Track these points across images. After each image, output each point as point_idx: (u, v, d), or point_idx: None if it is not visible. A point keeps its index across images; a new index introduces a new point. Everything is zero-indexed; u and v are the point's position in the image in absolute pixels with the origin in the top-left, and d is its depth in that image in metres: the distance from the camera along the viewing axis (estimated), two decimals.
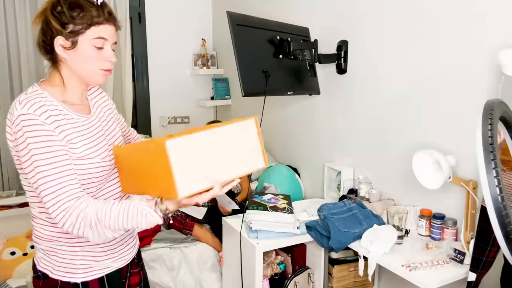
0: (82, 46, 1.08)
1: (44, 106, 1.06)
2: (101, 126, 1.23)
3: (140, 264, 1.44)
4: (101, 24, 1.08)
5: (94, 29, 1.07)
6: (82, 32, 1.07)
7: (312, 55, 2.35)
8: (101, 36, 1.09)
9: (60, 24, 1.06)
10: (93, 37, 1.08)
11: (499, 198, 1.06)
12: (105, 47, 1.11)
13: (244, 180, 2.80)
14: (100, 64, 1.12)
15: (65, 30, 1.06)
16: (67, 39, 1.07)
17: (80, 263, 1.18)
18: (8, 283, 2.33)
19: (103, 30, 1.09)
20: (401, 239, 1.69)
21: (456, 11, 1.68)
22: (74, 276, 1.18)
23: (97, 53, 1.10)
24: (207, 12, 3.76)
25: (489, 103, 1.19)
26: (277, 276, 2.08)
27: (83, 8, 1.06)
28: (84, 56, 1.09)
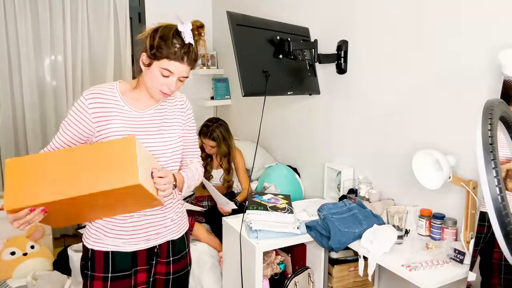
0: (153, 69, 1.30)
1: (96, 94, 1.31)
2: (148, 124, 1.39)
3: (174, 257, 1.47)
4: (172, 60, 1.28)
5: (166, 61, 1.28)
6: (158, 58, 1.28)
7: (312, 55, 2.35)
8: (168, 68, 1.29)
9: (149, 45, 1.29)
10: (162, 67, 1.29)
11: (499, 198, 1.06)
12: (170, 77, 1.31)
13: (243, 181, 2.80)
14: (160, 87, 1.32)
15: (149, 51, 1.29)
16: (148, 58, 1.30)
17: (93, 232, 1.38)
18: (8, 283, 2.33)
19: (173, 65, 1.29)
20: (401, 239, 1.69)
21: (456, 11, 1.68)
22: (88, 241, 1.39)
23: (162, 79, 1.31)
24: (207, 12, 3.76)
25: (489, 103, 1.20)
26: (277, 276, 2.08)
27: (167, 42, 1.27)
28: (152, 76, 1.31)
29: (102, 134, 1.31)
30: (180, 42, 1.28)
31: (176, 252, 1.48)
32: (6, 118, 3.17)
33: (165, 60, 1.28)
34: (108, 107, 1.33)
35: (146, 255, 1.42)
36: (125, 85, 1.40)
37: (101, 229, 1.37)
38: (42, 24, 3.15)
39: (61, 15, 3.20)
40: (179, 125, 1.47)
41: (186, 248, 1.53)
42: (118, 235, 1.37)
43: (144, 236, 1.39)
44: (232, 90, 3.60)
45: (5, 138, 3.18)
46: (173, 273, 1.48)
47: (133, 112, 1.37)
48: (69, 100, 3.27)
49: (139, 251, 1.40)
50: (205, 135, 2.69)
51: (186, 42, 1.28)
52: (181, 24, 1.30)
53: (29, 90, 3.17)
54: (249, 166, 2.81)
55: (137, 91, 1.39)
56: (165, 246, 1.45)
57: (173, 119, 1.45)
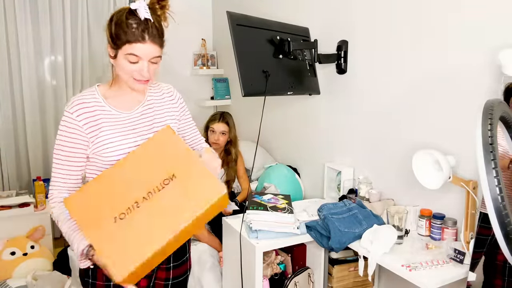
0: (119, 58, 1.23)
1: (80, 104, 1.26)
2: (139, 124, 1.33)
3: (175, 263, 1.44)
4: (133, 43, 1.20)
5: (127, 46, 1.20)
6: (120, 46, 1.21)
7: (312, 55, 2.35)
8: (132, 53, 1.21)
9: (109, 36, 1.23)
10: (126, 52, 1.21)
11: (499, 198, 1.06)
12: (139, 62, 1.23)
13: (244, 180, 2.80)
14: (132, 75, 1.25)
15: (111, 42, 1.23)
16: (112, 49, 1.24)
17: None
18: (8, 283, 2.33)
19: (137, 48, 1.20)
20: (401, 239, 1.69)
21: (456, 11, 1.68)
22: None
23: (131, 66, 1.23)
24: (207, 12, 3.76)
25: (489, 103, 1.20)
26: (277, 276, 2.08)
27: (123, 27, 1.20)
28: (120, 67, 1.24)
29: (95, 144, 1.27)
30: (136, 21, 1.20)
31: (177, 258, 1.45)
32: (6, 118, 3.17)
33: (127, 45, 1.20)
34: (95, 114, 1.27)
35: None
36: (104, 87, 1.34)
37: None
38: (42, 24, 3.16)
39: (61, 15, 3.20)
40: (172, 118, 1.41)
41: (187, 253, 1.51)
42: None
43: None
44: (232, 90, 3.60)
45: (5, 138, 3.18)
46: (173, 278, 1.45)
47: (121, 114, 1.31)
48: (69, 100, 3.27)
49: None
50: (218, 120, 2.69)
51: (142, 19, 1.20)
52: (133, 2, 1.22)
53: (29, 90, 3.17)
54: (249, 166, 2.81)
55: (115, 89, 1.33)
56: None
57: (164, 113, 1.40)
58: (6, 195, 2.90)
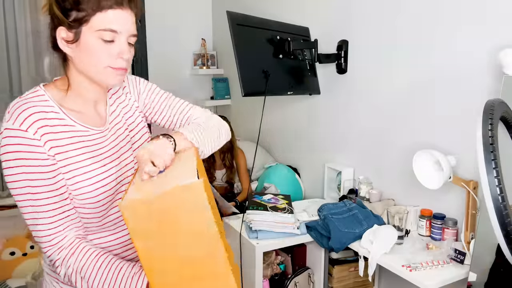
0: (86, 39, 0.85)
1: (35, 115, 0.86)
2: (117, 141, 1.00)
3: None
4: (109, 9, 0.84)
5: (101, 16, 0.84)
6: (86, 20, 0.84)
7: (312, 55, 2.35)
8: (109, 27, 0.85)
9: (62, 11, 0.85)
10: (98, 27, 0.85)
11: (500, 198, 1.06)
12: (116, 40, 0.87)
13: (244, 180, 2.80)
14: (110, 61, 0.88)
15: (67, 19, 0.85)
16: (70, 30, 0.85)
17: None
18: (7, 283, 2.33)
19: (112, 18, 0.85)
20: (401, 239, 1.69)
21: (456, 11, 1.68)
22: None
23: (105, 47, 0.87)
24: (207, 12, 3.75)
25: (489, 103, 1.19)
26: (277, 276, 2.08)
27: None
28: (89, 50, 0.86)
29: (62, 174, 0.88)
30: None
31: None
32: None
33: (99, 15, 0.83)
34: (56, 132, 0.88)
35: None
36: (56, 92, 0.93)
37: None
38: (42, 22, 3.15)
39: None
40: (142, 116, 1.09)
41: None
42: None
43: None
44: (232, 90, 3.60)
45: None
46: None
47: (91, 131, 0.94)
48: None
49: None
50: None
51: None
52: None
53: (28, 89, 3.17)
54: (249, 166, 2.81)
55: (73, 97, 0.94)
56: None
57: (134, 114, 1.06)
58: (6, 195, 2.90)
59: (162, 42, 3.55)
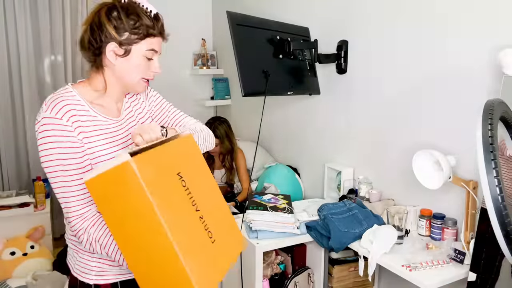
0: (134, 55, 1.08)
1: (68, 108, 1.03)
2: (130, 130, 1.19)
3: None
4: (155, 37, 1.09)
5: (149, 40, 1.08)
6: (136, 42, 1.07)
7: (312, 55, 2.35)
8: (154, 48, 1.10)
9: (115, 30, 1.05)
10: (147, 48, 1.08)
11: (499, 198, 1.06)
12: (154, 58, 1.12)
13: (244, 180, 2.80)
14: (144, 74, 1.13)
15: (120, 38, 1.05)
16: (121, 46, 1.06)
17: (95, 265, 1.16)
18: (8, 283, 2.33)
19: (156, 42, 1.10)
20: (401, 239, 1.69)
21: (456, 11, 1.68)
22: (87, 277, 1.16)
23: (148, 64, 1.11)
24: (207, 12, 3.76)
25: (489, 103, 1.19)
26: (277, 276, 2.08)
27: (141, 17, 1.06)
28: (134, 65, 1.09)
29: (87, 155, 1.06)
30: (147, 14, 1.08)
31: None
32: (6, 118, 3.16)
33: (148, 40, 1.07)
34: (85, 120, 1.07)
35: None
36: (85, 89, 1.13)
37: (104, 259, 1.15)
38: (42, 24, 3.15)
39: (61, 15, 3.20)
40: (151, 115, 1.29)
41: None
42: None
43: None
44: (232, 90, 3.60)
45: (5, 138, 3.18)
46: None
47: (109, 121, 1.13)
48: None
49: None
50: None
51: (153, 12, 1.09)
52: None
53: (29, 90, 3.17)
54: (249, 166, 2.81)
55: (99, 93, 1.14)
56: None
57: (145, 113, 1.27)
58: (6, 195, 2.90)
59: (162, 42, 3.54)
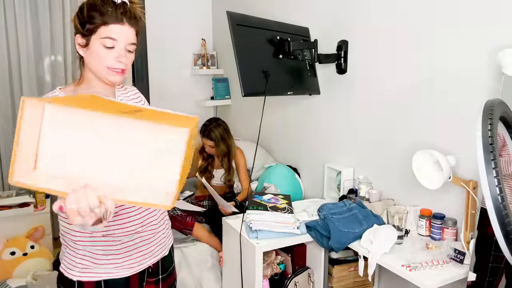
0: (93, 45, 1.13)
1: None
2: None
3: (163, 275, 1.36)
4: (110, 24, 1.12)
5: (104, 28, 1.12)
6: (94, 31, 1.12)
7: (312, 55, 2.35)
8: (109, 36, 1.12)
9: (80, 23, 1.14)
10: (102, 36, 1.12)
11: (499, 198, 1.06)
12: (116, 47, 1.14)
13: (244, 180, 2.80)
14: (109, 63, 1.14)
15: (82, 29, 1.13)
16: (83, 37, 1.14)
17: (79, 262, 1.20)
18: (8, 283, 2.33)
19: (112, 30, 1.12)
20: (401, 239, 1.69)
21: (456, 11, 1.68)
22: (71, 273, 1.20)
23: (107, 52, 1.13)
24: (207, 12, 3.76)
25: (489, 103, 1.20)
26: (277, 276, 2.08)
27: (99, 9, 1.12)
28: (95, 54, 1.14)
29: None
30: (112, 4, 1.12)
31: (164, 269, 1.37)
32: (6, 118, 3.17)
33: (102, 28, 1.11)
34: None
35: (138, 279, 1.28)
36: (69, 89, 1.20)
37: (89, 256, 1.19)
38: (42, 24, 3.15)
39: (61, 15, 3.20)
40: None
41: (173, 263, 1.43)
42: (110, 260, 1.20)
43: (138, 257, 1.25)
44: (232, 90, 3.60)
45: (5, 138, 3.18)
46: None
47: None
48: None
49: (131, 277, 1.25)
50: (203, 134, 2.70)
51: (118, 2, 1.13)
52: None
53: (29, 90, 3.17)
54: (249, 166, 2.81)
55: (84, 89, 1.19)
56: (156, 265, 1.33)
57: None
58: (6, 195, 2.90)
59: (162, 42, 3.55)
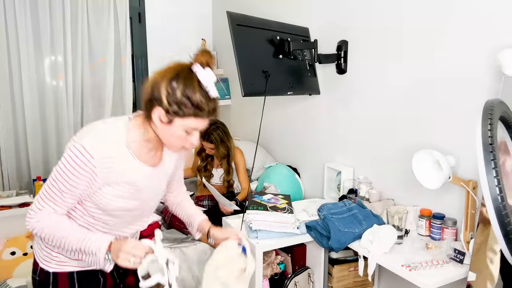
0: (175, 126, 1.11)
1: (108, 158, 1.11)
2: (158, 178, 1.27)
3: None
4: (199, 118, 1.10)
5: (193, 120, 1.10)
6: (183, 117, 1.09)
7: (312, 55, 2.35)
8: (197, 128, 1.12)
9: (167, 100, 1.08)
10: (190, 126, 1.11)
11: (499, 198, 1.06)
12: (194, 133, 1.14)
13: (243, 180, 2.80)
14: (186, 146, 1.16)
15: (168, 106, 1.08)
16: (167, 114, 1.10)
17: (56, 256, 1.25)
18: (8, 283, 2.33)
19: (201, 122, 1.12)
20: (401, 239, 1.69)
21: (456, 11, 1.68)
22: (48, 265, 1.25)
23: (185, 137, 1.14)
24: (207, 12, 3.76)
25: (489, 103, 1.20)
26: (277, 276, 2.08)
27: (197, 102, 1.08)
28: (174, 135, 1.13)
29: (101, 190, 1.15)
30: (205, 94, 1.09)
31: None
32: (7, 118, 3.16)
33: (192, 119, 1.09)
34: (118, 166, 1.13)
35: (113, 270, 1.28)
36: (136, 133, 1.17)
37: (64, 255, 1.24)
38: (42, 24, 3.15)
39: (61, 15, 3.20)
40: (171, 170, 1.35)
41: None
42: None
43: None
44: (232, 90, 3.60)
45: (5, 138, 3.18)
46: None
47: (145, 168, 1.20)
48: (69, 101, 3.26)
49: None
50: (203, 137, 2.70)
51: (212, 96, 1.10)
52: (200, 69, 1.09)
53: (29, 90, 3.17)
54: (249, 166, 2.81)
55: (145, 141, 1.19)
56: None
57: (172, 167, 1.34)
58: (6, 195, 2.90)
59: (162, 42, 3.55)
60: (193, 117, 1.09)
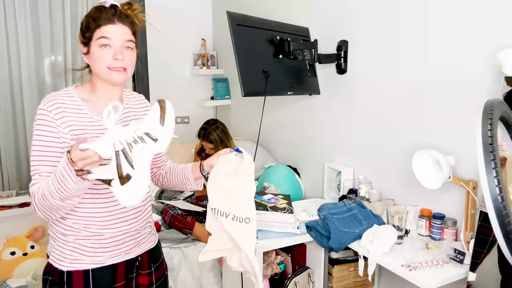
0: (92, 49, 1.20)
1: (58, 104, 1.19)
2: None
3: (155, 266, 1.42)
4: (102, 26, 1.18)
5: (98, 31, 1.18)
6: (91, 36, 1.20)
7: (312, 55, 2.35)
8: (103, 35, 1.18)
9: (81, 35, 1.23)
10: (97, 37, 1.18)
11: (499, 198, 1.06)
12: (112, 46, 1.19)
13: None
14: (108, 62, 1.19)
15: (83, 38, 1.22)
16: (85, 46, 1.23)
17: (69, 253, 1.25)
18: (8, 283, 2.33)
19: (105, 30, 1.18)
20: (401, 239, 1.69)
21: (456, 11, 1.68)
22: (61, 264, 1.25)
23: (104, 52, 1.18)
24: (207, 12, 3.76)
25: (489, 103, 1.20)
26: (277, 276, 2.08)
27: (92, 15, 1.20)
28: (95, 58, 1.20)
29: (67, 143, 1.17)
30: (102, 9, 1.20)
31: (155, 260, 1.43)
32: (7, 119, 3.17)
33: (97, 31, 1.18)
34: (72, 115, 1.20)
35: (125, 268, 1.32)
36: (82, 89, 1.27)
37: (78, 249, 1.25)
38: (42, 24, 3.15)
39: (61, 15, 3.20)
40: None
41: (161, 254, 1.48)
42: (99, 252, 1.26)
43: (125, 248, 1.31)
44: (232, 90, 3.60)
45: (5, 138, 3.18)
46: (156, 281, 1.42)
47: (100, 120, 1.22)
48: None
49: (118, 264, 1.30)
50: (203, 137, 2.71)
51: (107, 5, 1.20)
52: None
53: (29, 90, 3.17)
54: None
55: (93, 92, 1.26)
56: (145, 257, 1.38)
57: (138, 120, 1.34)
58: (6, 195, 2.90)
59: (162, 42, 3.55)
60: (96, 29, 1.18)
